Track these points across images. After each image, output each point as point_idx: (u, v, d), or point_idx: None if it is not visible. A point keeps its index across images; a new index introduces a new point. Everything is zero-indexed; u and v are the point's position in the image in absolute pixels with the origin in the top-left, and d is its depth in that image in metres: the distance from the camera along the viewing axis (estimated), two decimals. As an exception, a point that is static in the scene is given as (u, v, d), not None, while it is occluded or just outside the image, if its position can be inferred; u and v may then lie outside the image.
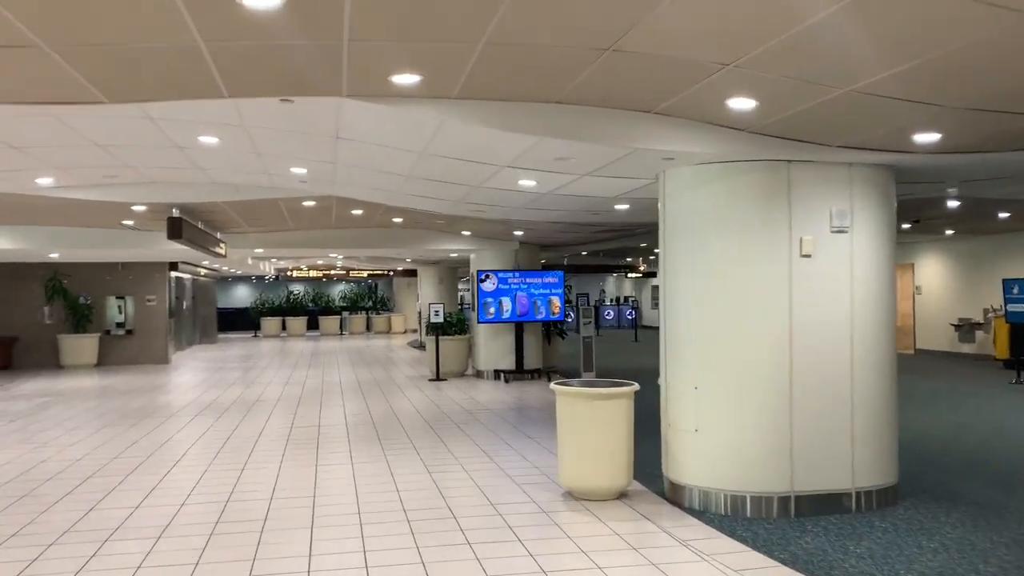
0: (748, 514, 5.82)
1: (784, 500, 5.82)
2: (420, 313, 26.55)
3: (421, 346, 25.00)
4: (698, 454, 6.04)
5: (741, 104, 4.84)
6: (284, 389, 14.21)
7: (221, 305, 41.35)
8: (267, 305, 33.70)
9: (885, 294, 6.12)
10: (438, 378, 15.36)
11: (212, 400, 12.78)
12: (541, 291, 15.27)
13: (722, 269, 5.97)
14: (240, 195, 9.63)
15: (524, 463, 7.69)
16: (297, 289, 38.10)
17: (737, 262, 5.92)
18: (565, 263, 25.11)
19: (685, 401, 6.12)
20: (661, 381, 6.46)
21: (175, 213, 9.99)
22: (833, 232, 5.92)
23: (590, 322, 15.67)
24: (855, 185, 5.96)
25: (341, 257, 23.96)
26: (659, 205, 6.50)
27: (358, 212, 11.78)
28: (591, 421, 6.17)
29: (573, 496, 6.35)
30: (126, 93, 4.94)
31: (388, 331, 34.29)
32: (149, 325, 20.34)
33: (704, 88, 4.58)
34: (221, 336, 32.56)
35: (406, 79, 4.60)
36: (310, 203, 10.53)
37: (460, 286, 31.72)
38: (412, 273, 30.77)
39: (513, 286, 15.14)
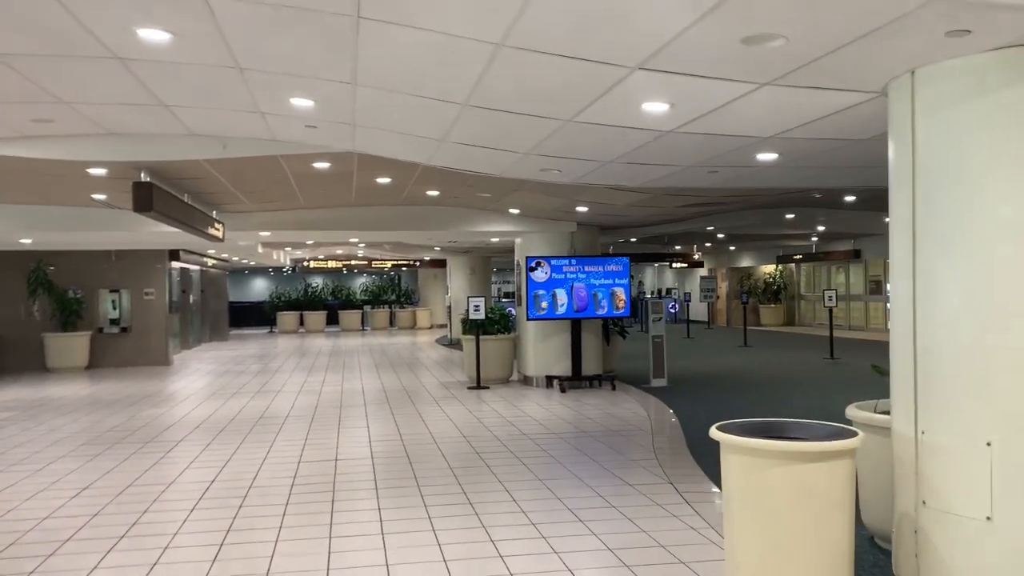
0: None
1: None
2: (449, 308, 24.08)
3: (451, 344, 22.54)
4: (993, 561, 3.47)
5: None
6: (296, 400, 11.77)
7: (235, 299, 39.34)
8: (283, 299, 31.36)
9: None
10: (479, 385, 12.86)
11: (206, 417, 10.35)
12: (603, 281, 12.71)
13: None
14: (228, 151, 7.14)
15: (641, 539, 5.15)
16: (316, 282, 35.78)
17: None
18: (611, 250, 22.51)
19: (962, 466, 3.55)
20: (898, 423, 3.90)
21: (143, 177, 7.52)
22: None
23: (661, 318, 13.10)
24: None
25: (362, 245, 21.51)
26: (892, 139, 3.93)
27: (384, 180, 9.26)
28: (793, 499, 3.61)
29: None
30: None
31: (413, 326, 31.87)
32: (147, 322, 18.01)
33: None
34: (234, 332, 30.34)
35: None
36: (322, 165, 8.02)
37: (494, 278, 29.25)
38: (439, 263, 28.30)
39: (569, 275, 12.60)
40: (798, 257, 27.93)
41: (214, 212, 11.32)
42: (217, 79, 5.00)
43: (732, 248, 28.94)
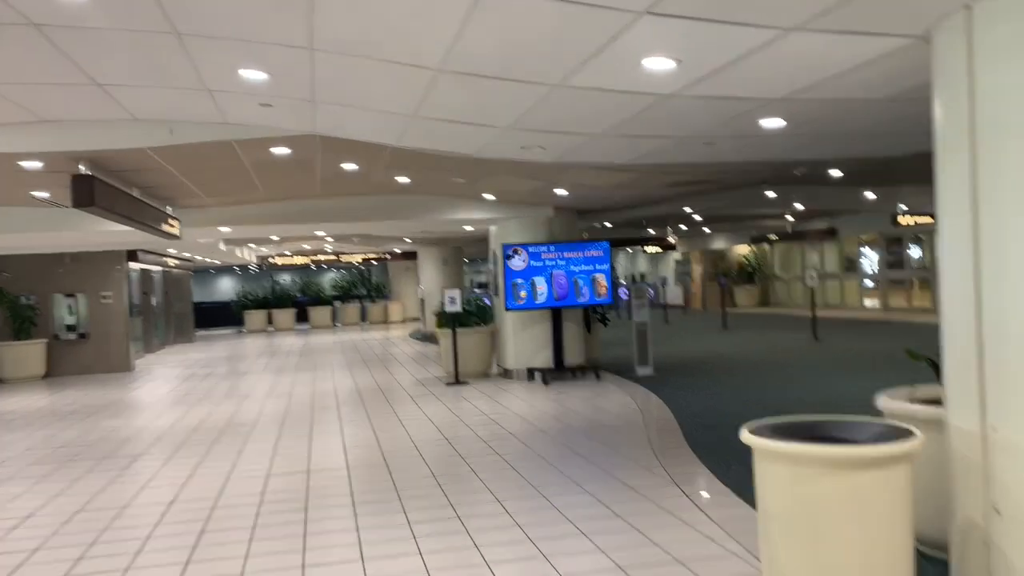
0: None
1: None
2: (422, 300, 23.46)
3: (425, 338, 21.92)
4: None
5: None
6: (264, 405, 11.11)
7: (201, 299, 38.33)
8: (250, 297, 30.46)
9: None
10: (457, 381, 12.27)
11: (168, 427, 9.66)
12: (583, 268, 12.16)
13: None
14: (176, 137, 6.47)
15: (654, 554, 4.61)
16: (284, 279, 34.88)
17: None
18: (584, 236, 21.93)
19: (1042, 467, 3.04)
20: (958, 418, 3.38)
21: (82, 169, 6.82)
22: None
23: (644, 304, 12.60)
24: None
25: (330, 239, 20.79)
26: (940, 92, 3.40)
27: (351, 167, 8.62)
28: (846, 513, 3.08)
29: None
30: None
31: (385, 321, 31.16)
32: (106, 327, 17.15)
33: None
34: (201, 334, 29.44)
35: None
36: (282, 151, 7.36)
37: (466, 269, 28.64)
38: (410, 256, 27.60)
39: (548, 263, 12.03)
40: (773, 237, 27.60)
41: (169, 208, 10.59)
42: (152, 48, 4.35)
43: (707, 230, 28.55)
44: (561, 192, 10.42)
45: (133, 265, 18.51)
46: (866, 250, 25.54)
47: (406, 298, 31.40)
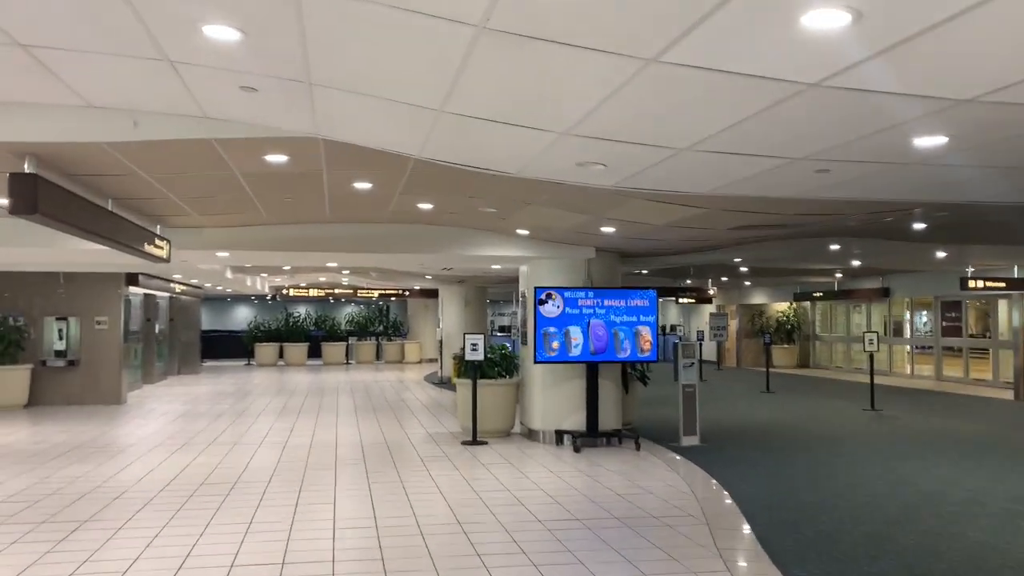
0: None
1: None
2: (440, 341, 21.99)
3: (441, 382, 20.42)
4: None
5: None
6: (254, 456, 9.64)
7: (214, 327, 37.13)
8: (262, 329, 29.13)
9: None
10: (475, 440, 10.74)
11: (134, 482, 8.21)
12: (625, 318, 10.66)
13: None
14: (141, 131, 5.11)
15: None
16: (299, 311, 33.58)
17: None
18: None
19: None
20: None
21: (27, 167, 5.47)
22: None
23: (693, 363, 11.06)
24: None
25: (346, 272, 19.46)
26: None
27: (364, 186, 7.23)
28: None
29: None
30: None
31: (401, 360, 29.69)
32: (98, 354, 15.82)
33: None
34: (210, 364, 28.17)
35: None
36: (278, 158, 5.98)
37: (488, 310, 27.24)
38: (431, 294, 26.21)
39: (586, 311, 10.56)
40: (818, 294, 25.96)
41: (158, 227, 9.27)
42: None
43: (747, 283, 26.98)
44: (608, 231, 8.97)
45: (135, 289, 17.25)
46: (924, 314, 23.81)
47: (424, 337, 29.95)
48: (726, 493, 7.75)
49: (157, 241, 8.75)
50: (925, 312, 23.59)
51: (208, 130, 5.13)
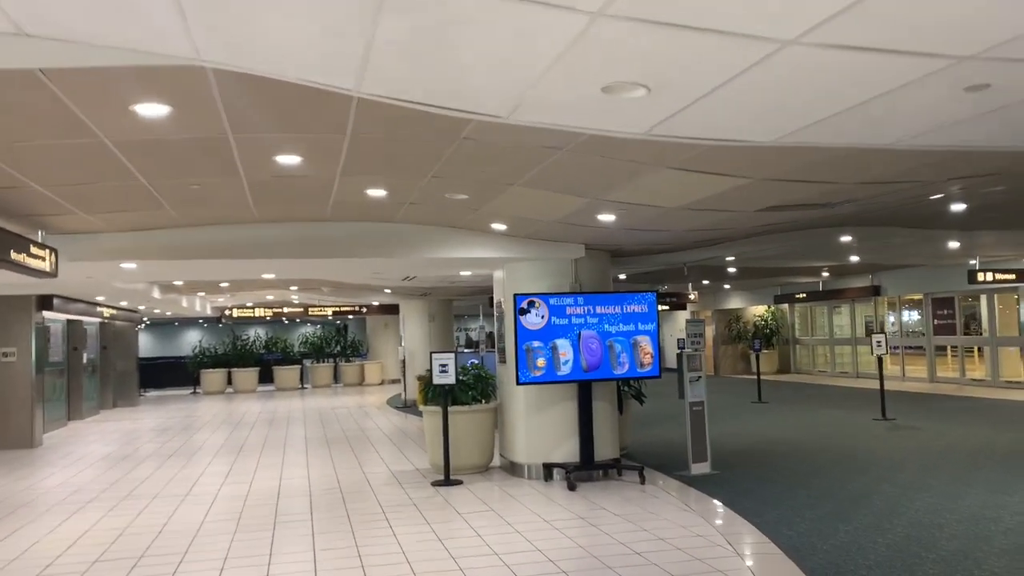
0: None
1: None
2: (403, 361, 20.13)
3: (405, 406, 18.56)
4: None
5: None
6: (174, 514, 7.75)
7: (159, 354, 34.87)
8: (208, 354, 26.94)
9: None
10: (447, 479, 8.94)
11: (8, 561, 6.27)
12: (622, 327, 8.98)
13: None
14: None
15: None
16: (248, 334, 31.42)
17: None
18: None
19: None
20: None
21: None
22: None
23: (700, 377, 9.40)
24: None
25: (294, 287, 17.52)
26: None
27: (291, 161, 5.43)
28: None
29: None
30: None
31: (361, 383, 27.71)
32: (4, 391, 13.71)
33: None
34: (153, 394, 26.04)
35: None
36: (155, 110, 4.17)
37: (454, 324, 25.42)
38: (391, 309, 24.34)
39: (575, 320, 8.85)
40: (801, 296, 24.62)
41: (40, 233, 7.37)
42: None
43: (727, 287, 25.58)
44: (606, 219, 7.25)
45: (52, 315, 15.16)
46: (912, 312, 22.57)
47: (385, 357, 28.03)
48: (767, 539, 6.09)
49: (35, 250, 6.85)
50: (916, 311, 22.35)
51: (28, 55, 3.32)
